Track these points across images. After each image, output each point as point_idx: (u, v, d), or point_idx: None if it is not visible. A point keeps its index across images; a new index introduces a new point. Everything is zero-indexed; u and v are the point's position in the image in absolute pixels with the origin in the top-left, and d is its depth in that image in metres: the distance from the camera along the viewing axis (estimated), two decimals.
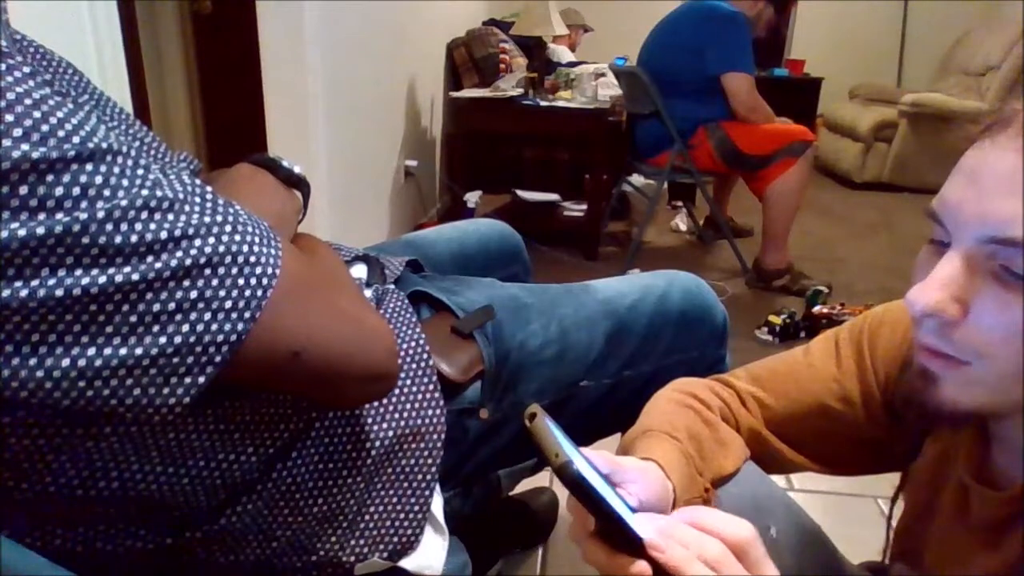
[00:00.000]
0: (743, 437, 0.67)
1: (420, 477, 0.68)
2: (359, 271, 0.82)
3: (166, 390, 0.44)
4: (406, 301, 0.77)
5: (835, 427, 0.65)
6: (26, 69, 0.40)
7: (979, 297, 0.43)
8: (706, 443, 0.62)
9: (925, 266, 0.46)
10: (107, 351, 0.42)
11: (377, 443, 0.66)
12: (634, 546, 0.43)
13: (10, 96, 0.38)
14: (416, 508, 0.68)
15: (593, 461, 0.47)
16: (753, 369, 0.72)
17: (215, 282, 0.45)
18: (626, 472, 0.50)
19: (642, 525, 0.44)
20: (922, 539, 0.59)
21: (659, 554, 0.42)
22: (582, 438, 0.90)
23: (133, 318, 0.42)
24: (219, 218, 0.47)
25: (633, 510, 0.46)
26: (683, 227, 3.43)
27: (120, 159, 0.42)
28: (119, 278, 0.41)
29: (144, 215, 0.42)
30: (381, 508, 0.67)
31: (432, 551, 0.69)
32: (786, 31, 5.33)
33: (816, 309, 2.24)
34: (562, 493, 1.33)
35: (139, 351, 0.42)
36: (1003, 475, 0.52)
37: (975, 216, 0.42)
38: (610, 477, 0.48)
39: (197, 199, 0.46)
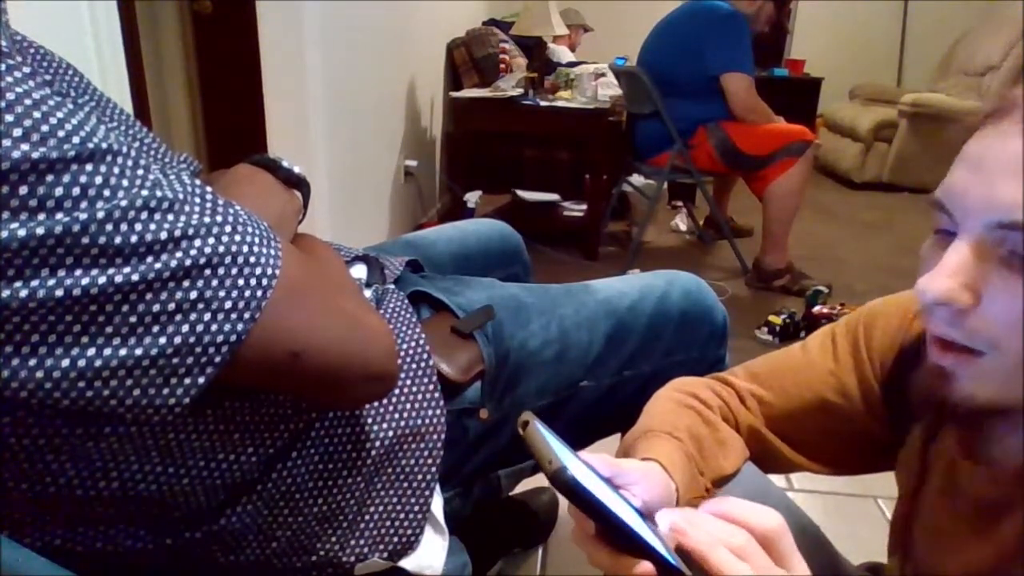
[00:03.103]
0: (743, 436, 0.67)
1: (420, 477, 0.68)
2: (359, 271, 0.82)
3: (166, 390, 0.44)
4: (406, 301, 0.77)
5: (834, 422, 0.65)
6: (26, 69, 0.40)
7: (990, 284, 0.42)
8: (707, 443, 0.62)
9: (932, 256, 0.45)
10: (107, 351, 0.42)
11: (377, 443, 0.66)
12: (636, 547, 0.43)
13: (10, 96, 0.38)
14: (416, 508, 0.68)
15: (593, 465, 0.46)
16: (751, 366, 0.72)
17: (215, 282, 0.45)
18: (628, 474, 0.49)
19: (665, 516, 0.44)
20: (911, 529, 0.58)
21: (682, 537, 0.41)
22: (582, 438, 0.90)
23: (133, 318, 0.42)
24: (219, 218, 0.47)
25: (638, 511, 0.46)
26: (683, 227, 3.43)
27: (120, 159, 0.42)
28: (119, 278, 0.41)
29: (144, 215, 0.42)
30: (381, 508, 0.67)
31: (432, 551, 0.69)
32: (787, 25, 5.32)
33: (816, 309, 2.24)
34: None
35: (139, 351, 0.42)
36: (994, 456, 0.51)
37: (982, 202, 0.42)
38: (612, 480, 0.48)
39: (197, 199, 0.46)
